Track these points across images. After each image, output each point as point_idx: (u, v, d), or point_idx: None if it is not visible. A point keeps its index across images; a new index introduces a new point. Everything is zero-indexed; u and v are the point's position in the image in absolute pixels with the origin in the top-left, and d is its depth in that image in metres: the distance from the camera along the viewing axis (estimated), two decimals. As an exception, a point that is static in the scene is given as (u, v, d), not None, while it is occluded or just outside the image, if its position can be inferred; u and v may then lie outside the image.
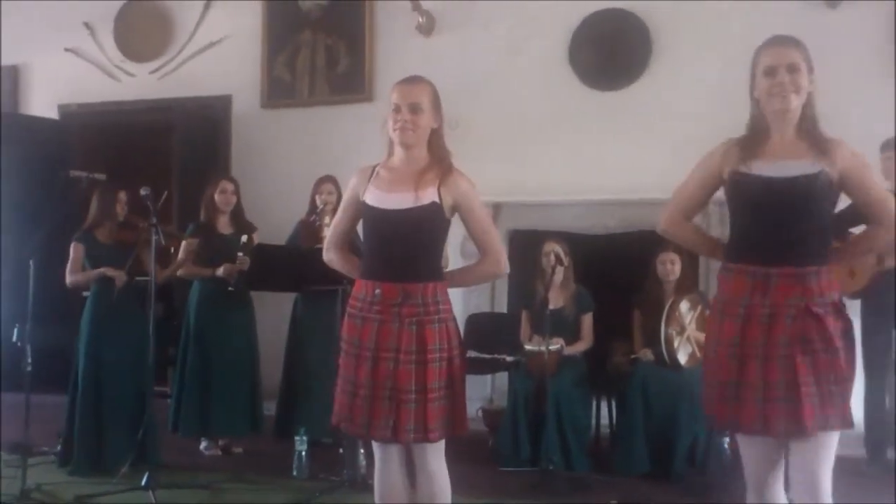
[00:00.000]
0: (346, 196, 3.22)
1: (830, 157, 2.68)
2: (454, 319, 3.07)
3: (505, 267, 3.17)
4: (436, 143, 3.08)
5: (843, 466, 5.23)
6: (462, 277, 3.26)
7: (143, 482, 4.46)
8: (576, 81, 6.77)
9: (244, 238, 5.39)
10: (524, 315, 5.65)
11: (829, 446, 2.69)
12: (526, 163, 6.69)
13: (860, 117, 5.89)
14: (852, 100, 5.98)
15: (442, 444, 3.04)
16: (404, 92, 3.03)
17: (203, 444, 5.60)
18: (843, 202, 2.83)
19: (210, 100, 7.64)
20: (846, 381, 2.68)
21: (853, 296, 5.21)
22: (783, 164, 2.68)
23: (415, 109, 2.99)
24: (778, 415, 2.64)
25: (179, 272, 5.45)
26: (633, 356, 5.34)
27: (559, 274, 5.40)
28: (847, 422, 2.67)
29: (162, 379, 6.39)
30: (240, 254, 5.33)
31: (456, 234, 3.24)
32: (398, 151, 3.07)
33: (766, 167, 2.70)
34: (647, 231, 6.30)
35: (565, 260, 5.41)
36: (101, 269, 5.02)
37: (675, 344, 5.02)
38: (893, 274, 4.75)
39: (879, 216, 2.76)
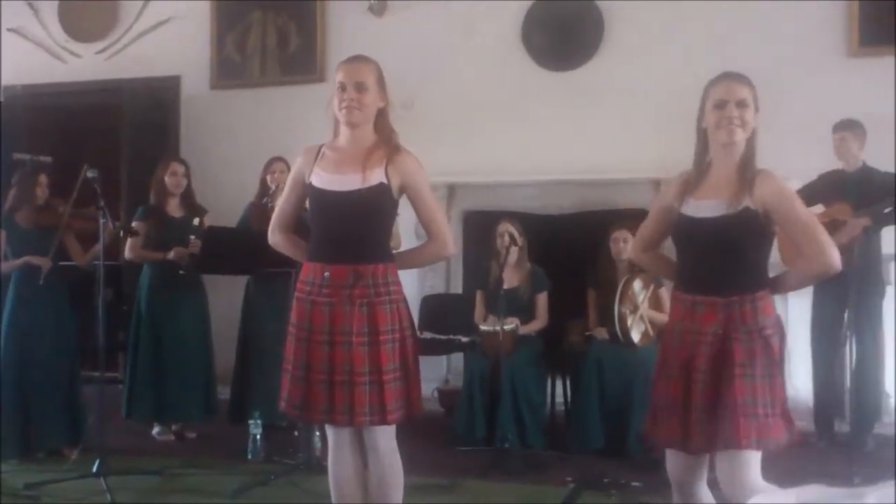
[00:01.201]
0: (290, 176, 3.18)
1: (754, 192, 2.74)
2: (405, 300, 3.06)
3: (451, 249, 3.18)
4: (382, 123, 3.06)
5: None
6: (409, 259, 3.25)
7: (94, 469, 4.40)
8: (529, 62, 6.76)
9: (196, 221, 5.33)
10: (479, 295, 5.66)
11: (755, 457, 2.74)
12: (480, 143, 6.67)
13: (812, 96, 5.98)
14: (804, 79, 6.07)
15: (392, 427, 3.03)
16: (349, 71, 3.00)
17: (155, 430, 5.54)
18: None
19: (158, 80, 7.51)
20: (776, 402, 2.75)
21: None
22: (710, 203, 2.78)
23: (360, 88, 2.96)
24: (696, 433, 2.77)
25: (128, 255, 5.38)
26: (587, 333, 5.38)
27: (513, 254, 5.41)
28: (759, 440, 2.71)
29: (112, 364, 6.30)
30: (192, 237, 5.27)
31: (410, 215, 3.23)
32: (344, 131, 3.04)
33: (696, 207, 2.82)
34: (600, 211, 6.39)
35: (519, 240, 5.43)
36: (25, 259, 4.92)
37: (629, 322, 5.05)
38: (844, 251, 4.81)
39: (806, 247, 2.79)
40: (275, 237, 3.21)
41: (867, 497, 0.91)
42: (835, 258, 2.75)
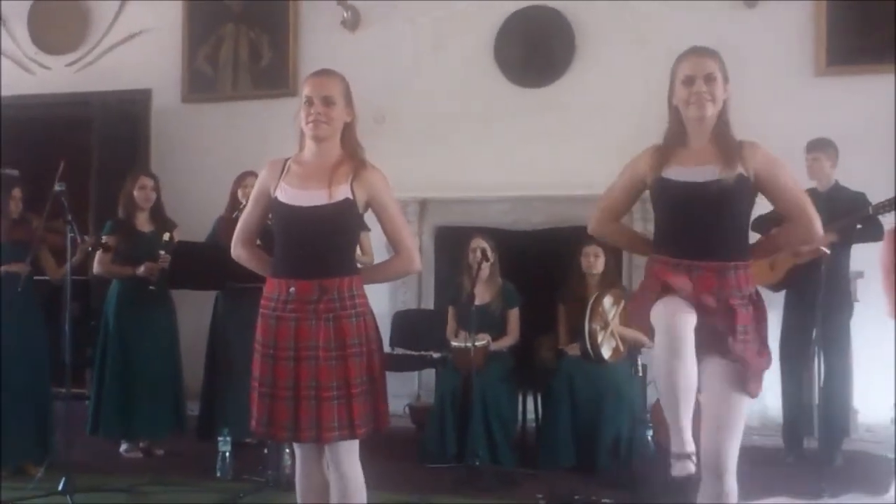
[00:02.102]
0: (255, 190, 3.14)
1: (745, 161, 2.81)
2: (371, 313, 3.04)
3: (418, 264, 3.17)
4: (348, 138, 3.04)
5: (762, 456, 5.39)
6: (375, 274, 3.25)
7: (60, 487, 4.33)
8: (501, 78, 6.79)
9: (166, 236, 5.28)
10: (450, 311, 5.65)
11: (739, 410, 2.87)
12: (451, 159, 6.68)
13: (780, 116, 6.04)
14: (772, 98, 6.13)
15: (356, 442, 3.01)
16: (317, 84, 2.98)
17: (123, 447, 5.48)
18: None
19: (129, 93, 7.46)
20: (758, 358, 2.84)
21: (773, 288, 5.34)
22: (701, 169, 2.81)
23: (327, 102, 2.95)
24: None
25: (97, 270, 5.32)
26: (559, 347, 5.38)
27: (485, 269, 5.41)
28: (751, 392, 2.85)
29: (79, 380, 6.22)
30: (161, 252, 5.22)
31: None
32: (310, 145, 3.02)
33: (686, 172, 2.83)
34: (571, 227, 6.39)
35: (491, 256, 5.43)
36: (3, 267, 4.86)
37: (599, 339, 5.07)
38: (813, 268, 4.86)
39: (795, 215, 2.88)
40: (237, 251, 3.18)
41: (836, 504, 0.92)
42: (820, 228, 2.88)
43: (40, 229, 4.74)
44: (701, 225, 2.80)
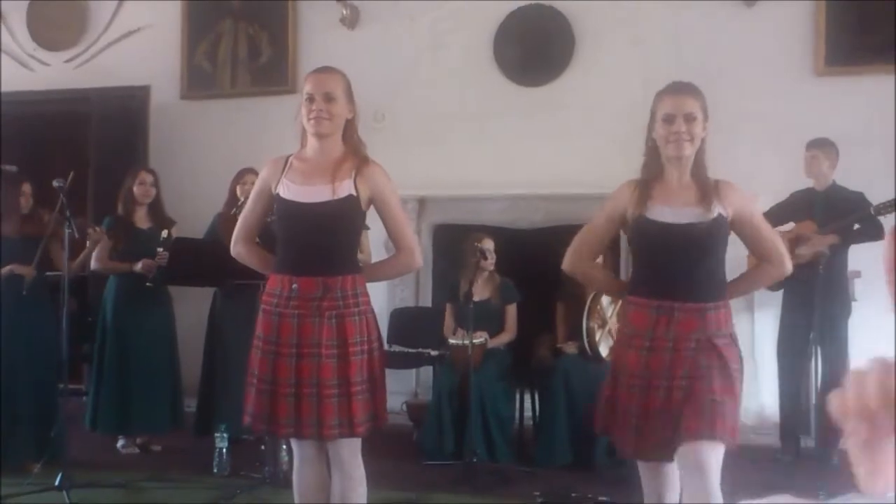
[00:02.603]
0: (256, 188, 3.15)
1: (724, 201, 2.82)
2: (373, 312, 3.05)
3: (420, 261, 3.19)
4: (350, 134, 3.05)
5: (759, 455, 5.39)
6: (378, 271, 3.26)
7: (56, 482, 4.33)
8: (500, 76, 6.79)
9: (164, 233, 5.28)
10: (448, 308, 5.66)
11: (718, 454, 2.78)
12: (450, 157, 6.68)
13: (778, 115, 6.05)
14: (770, 97, 6.14)
15: (358, 440, 3.01)
16: (318, 81, 2.99)
17: (120, 443, 5.48)
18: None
19: (128, 90, 7.44)
20: (736, 402, 2.83)
21: (772, 287, 5.34)
22: (681, 210, 2.82)
23: (329, 98, 2.95)
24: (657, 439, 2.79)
25: (94, 266, 5.32)
26: (557, 346, 5.38)
27: (485, 267, 5.42)
28: (734, 438, 2.79)
29: (76, 376, 6.22)
30: (159, 249, 5.22)
31: (380, 228, 3.22)
32: (312, 142, 3.02)
33: (668, 213, 2.83)
34: (570, 226, 6.37)
35: (491, 256, 5.44)
36: (10, 267, 4.86)
37: (597, 337, 5.07)
38: (810, 268, 4.87)
39: (769, 254, 2.93)
40: (237, 248, 3.18)
41: (833, 504, 0.93)
42: (790, 264, 2.97)
43: (52, 224, 4.74)
44: (682, 266, 2.81)
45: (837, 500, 0.94)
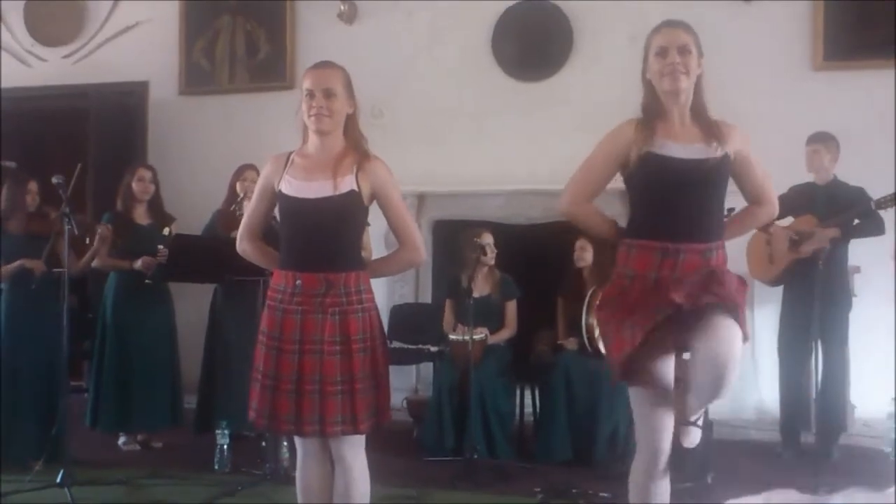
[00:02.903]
0: (259, 185, 3.14)
1: (730, 141, 2.79)
2: (376, 308, 3.04)
3: (422, 255, 3.16)
4: (351, 129, 3.03)
5: (759, 451, 5.40)
6: (381, 267, 3.23)
7: (58, 479, 4.33)
8: (498, 72, 6.78)
9: (166, 231, 5.27)
10: (448, 304, 5.66)
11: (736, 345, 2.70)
12: (449, 153, 6.68)
13: (777, 111, 6.05)
14: (769, 93, 6.14)
15: (361, 437, 3.01)
16: (317, 77, 2.97)
17: (121, 440, 5.48)
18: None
19: (126, 86, 7.44)
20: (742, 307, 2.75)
21: (772, 283, 5.34)
22: (691, 146, 2.77)
23: (329, 94, 2.93)
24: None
25: (95, 263, 5.31)
26: (558, 342, 5.39)
27: (485, 262, 5.42)
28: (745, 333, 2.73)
29: (76, 373, 6.22)
30: (160, 247, 5.21)
31: (380, 224, 3.22)
32: (313, 139, 3.01)
33: (675, 148, 2.77)
34: (568, 221, 6.38)
35: (491, 251, 5.44)
36: (20, 262, 4.87)
37: (596, 333, 5.05)
38: (811, 263, 4.87)
39: (762, 196, 2.93)
40: (243, 245, 3.18)
41: (833, 499, 0.92)
42: (777, 207, 3.00)
43: (58, 222, 4.74)
44: (691, 203, 2.75)
45: (839, 496, 0.94)
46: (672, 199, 2.77)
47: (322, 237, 2.94)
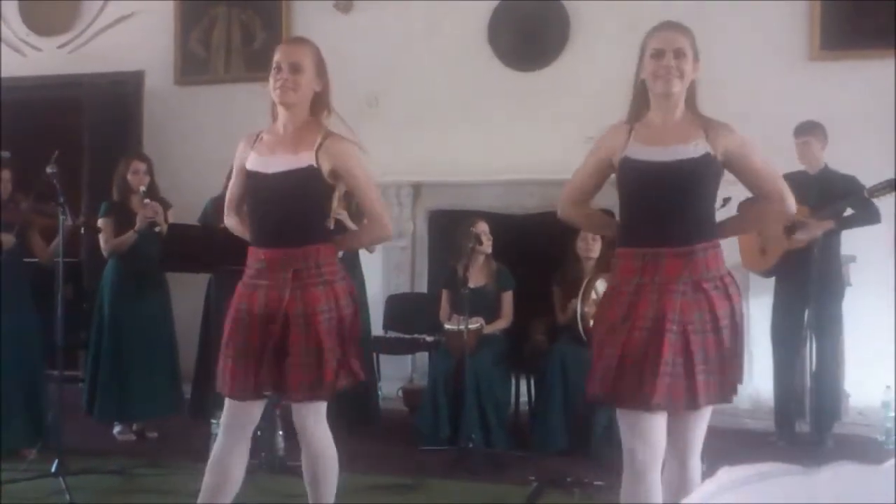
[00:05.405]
0: (234, 163, 3.21)
1: (714, 140, 2.75)
2: (344, 279, 3.08)
3: (389, 230, 3.21)
4: (318, 107, 3.07)
5: (753, 439, 5.41)
6: (349, 241, 3.32)
7: (52, 468, 4.33)
8: (495, 61, 6.77)
9: (142, 189, 5.25)
10: (444, 294, 5.66)
11: (705, 418, 2.82)
12: (445, 142, 6.67)
13: (773, 100, 6.05)
14: (765, 82, 6.13)
15: (323, 405, 3.05)
16: (286, 51, 3.03)
17: (117, 429, 5.48)
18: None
19: (122, 75, 7.42)
20: (733, 357, 2.77)
21: (765, 273, 5.35)
22: (669, 148, 2.76)
23: (295, 69, 2.97)
24: (674, 389, 2.69)
25: (104, 250, 5.30)
26: (556, 323, 5.37)
27: (481, 251, 5.42)
28: (730, 394, 2.81)
29: (72, 363, 6.22)
30: (146, 200, 5.18)
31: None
32: (281, 114, 3.05)
33: (653, 151, 2.77)
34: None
35: (487, 240, 5.44)
36: None
37: (591, 323, 5.06)
38: (804, 253, 4.87)
39: (768, 192, 2.86)
40: (229, 220, 3.26)
41: (822, 473, 0.92)
42: (793, 203, 2.86)
43: (28, 211, 4.72)
44: (668, 206, 2.73)
45: (826, 469, 0.94)
46: (649, 203, 2.77)
47: (280, 212, 2.99)
